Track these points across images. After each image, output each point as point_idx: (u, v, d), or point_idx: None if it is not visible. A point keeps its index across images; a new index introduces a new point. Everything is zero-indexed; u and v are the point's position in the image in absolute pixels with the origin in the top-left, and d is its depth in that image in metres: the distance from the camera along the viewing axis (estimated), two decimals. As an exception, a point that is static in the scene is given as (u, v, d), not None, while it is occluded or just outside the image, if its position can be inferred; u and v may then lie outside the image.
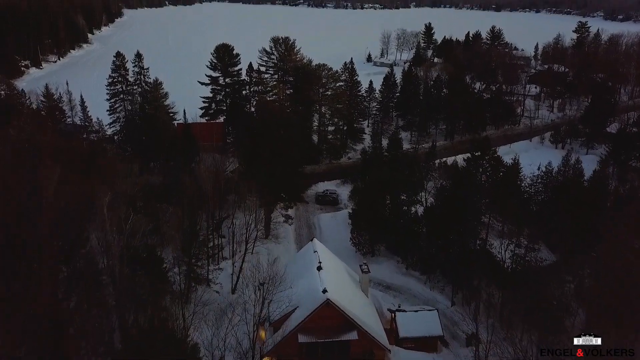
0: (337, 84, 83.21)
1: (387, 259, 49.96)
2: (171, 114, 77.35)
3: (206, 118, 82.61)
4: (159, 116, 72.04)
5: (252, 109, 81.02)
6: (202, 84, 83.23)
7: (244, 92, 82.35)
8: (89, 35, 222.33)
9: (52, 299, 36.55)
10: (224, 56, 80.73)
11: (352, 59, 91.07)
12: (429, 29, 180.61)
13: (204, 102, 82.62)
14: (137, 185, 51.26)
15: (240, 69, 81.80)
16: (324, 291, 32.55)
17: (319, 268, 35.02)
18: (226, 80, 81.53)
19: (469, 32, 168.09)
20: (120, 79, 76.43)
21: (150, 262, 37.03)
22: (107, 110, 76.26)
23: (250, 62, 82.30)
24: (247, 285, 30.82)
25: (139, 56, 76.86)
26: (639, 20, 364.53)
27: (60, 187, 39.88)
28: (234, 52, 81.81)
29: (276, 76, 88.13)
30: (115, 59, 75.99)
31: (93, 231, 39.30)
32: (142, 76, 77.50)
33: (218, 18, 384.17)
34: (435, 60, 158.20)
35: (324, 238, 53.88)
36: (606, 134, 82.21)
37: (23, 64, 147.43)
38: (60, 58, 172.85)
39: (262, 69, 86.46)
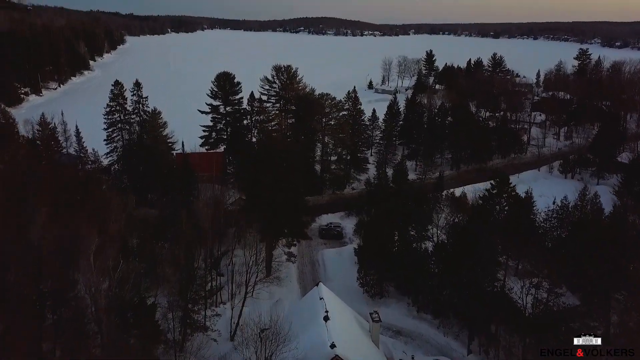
0: (340, 114, 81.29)
1: (396, 301, 46.81)
2: (170, 144, 75.20)
3: (206, 147, 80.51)
4: (157, 146, 69.93)
5: (254, 139, 78.96)
6: (203, 112, 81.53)
7: (245, 121, 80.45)
8: (91, 61, 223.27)
9: (35, 350, 33.63)
10: (225, 84, 79.29)
11: (355, 87, 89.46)
12: (430, 55, 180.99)
13: (204, 131, 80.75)
14: (133, 218, 48.74)
15: (242, 98, 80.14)
16: (332, 346, 29.43)
17: (326, 318, 31.95)
18: (227, 109, 79.85)
19: (470, 59, 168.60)
20: (118, 107, 74.48)
21: (142, 309, 34.02)
22: (104, 140, 74.06)
23: (252, 92, 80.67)
24: (247, 345, 27.63)
25: (137, 85, 75.13)
26: (636, 46, 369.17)
27: (48, 226, 37.28)
28: (235, 80, 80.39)
29: (278, 105, 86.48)
30: (113, 88, 74.23)
31: (80, 275, 36.35)
32: (140, 105, 75.56)
33: (219, 45, 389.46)
34: (437, 87, 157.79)
35: (328, 277, 50.95)
36: (617, 164, 79.84)
37: (23, 91, 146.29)
38: (61, 85, 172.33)
39: (264, 97, 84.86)
